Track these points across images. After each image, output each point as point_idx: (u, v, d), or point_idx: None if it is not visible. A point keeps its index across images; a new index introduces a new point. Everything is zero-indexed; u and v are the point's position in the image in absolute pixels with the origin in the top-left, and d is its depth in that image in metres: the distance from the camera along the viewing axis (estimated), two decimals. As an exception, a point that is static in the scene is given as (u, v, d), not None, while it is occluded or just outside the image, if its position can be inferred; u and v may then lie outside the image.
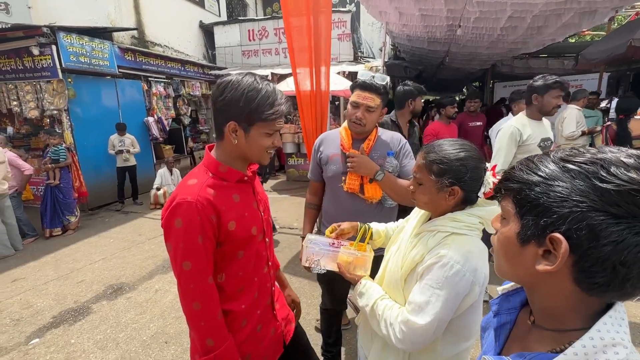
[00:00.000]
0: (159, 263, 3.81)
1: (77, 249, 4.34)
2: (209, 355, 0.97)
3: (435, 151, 0.97)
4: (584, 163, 0.45)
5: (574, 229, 0.43)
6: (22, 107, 5.61)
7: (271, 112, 0.97)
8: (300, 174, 7.55)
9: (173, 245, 0.94)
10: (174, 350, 2.41)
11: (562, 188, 0.45)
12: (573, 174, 0.45)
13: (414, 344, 0.92)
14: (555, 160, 0.48)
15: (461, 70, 9.78)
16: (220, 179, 1.02)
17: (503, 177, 0.55)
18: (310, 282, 3.19)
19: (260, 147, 1.02)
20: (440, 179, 0.94)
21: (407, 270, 0.99)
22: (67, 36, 5.26)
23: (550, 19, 4.61)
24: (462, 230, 0.94)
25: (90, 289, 3.30)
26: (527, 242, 0.49)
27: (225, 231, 0.98)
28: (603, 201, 0.42)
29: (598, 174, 0.43)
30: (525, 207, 0.49)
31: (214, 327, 0.97)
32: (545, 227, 0.46)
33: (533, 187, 0.48)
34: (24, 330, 2.71)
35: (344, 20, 8.07)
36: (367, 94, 1.53)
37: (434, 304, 0.89)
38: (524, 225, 0.49)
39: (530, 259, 0.48)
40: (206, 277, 0.96)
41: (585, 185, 0.43)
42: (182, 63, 7.99)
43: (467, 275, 0.88)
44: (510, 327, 0.61)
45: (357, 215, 1.50)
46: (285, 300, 1.34)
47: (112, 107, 6.33)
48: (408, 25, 5.26)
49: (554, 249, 0.45)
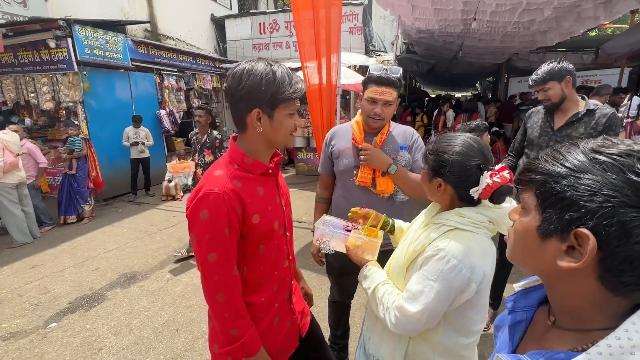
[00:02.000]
0: (170, 253, 3.89)
1: (92, 237, 4.46)
2: (234, 344, 0.97)
3: (435, 142, 1.01)
4: (618, 155, 0.42)
5: (603, 225, 0.40)
6: (39, 99, 5.75)
7: (292, 90, 0.96)
8: (309, 168, 7.56)
9: (197, 237, 0.94)
10: (184, 338, 2.47)
11: (592, 181, 0.42)
12: (605, 167, 0.42)
13: (406, 330, 0.96)
14: (585, 151, 0.44)
15: (475, 64, 9.58)
16: (245, 171, 1.01)
17: (525, 168, 0.51)
18: (318, 275, 3.21)
19: (285, 130, 1.01)
20: (432, 170, 0.99)
21: (410, 259, 1.01)
22: (82, 29, 5.34)
23: (569, 11, 4.46)
24: (467, 227, 0.93)
25: (105, 277, 3.39)
26: (549, 237, 0.46)
27: (249, 224, 0.98)
28: (638, 197, 0.39)
29: (634, 167, 0.40)
30: (549, 200, 0.46)
31: (238, 318, 0.97)
32: (571, 222, 0.43)
33: (559, 180, 0.45)
34: (43, 314, 2.82)
35: (356, 13, 7.96)
36: (384, 88, 1.51)
37: (426, 295, 0.90)
38: (546, 218, 0.46)
39: (552, 253, 0.46)
40: (231, 268, 0.96)
41: (619, 179, 0.40)
42: (194, 56, 8.03)
43: (463, 271, 0.88)
44: (526, 326, 0.58)
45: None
46: (300, 293, 1.35)
47: (125, 99, 6.43)
48: (421, 19, 5.17)
49: (578, 245, 0.43)
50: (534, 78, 2.04)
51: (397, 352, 1.05)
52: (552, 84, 1.97)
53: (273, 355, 1.11)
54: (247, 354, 0.99)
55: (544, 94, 2.02)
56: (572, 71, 1.95)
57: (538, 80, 2.02)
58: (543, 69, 2.00)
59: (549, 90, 2.00)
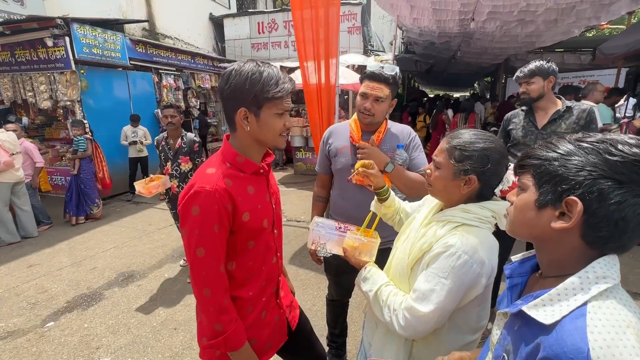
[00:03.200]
0: (168, 252, 3.89)
1: (89, 237, 4.45)
2: (217, 338, 1.00)
3: (461, 137, 0.96)
4: (596, 142, 0.56)
5: (586, 193, 0.54)
6: (37, 98, 5.73)
7: (277, 89, 0.97)
8: (307, 168, 7.56)
9: (188, 232, 0.97)
10: (182, 337, 2.47)
11: (578, 161, 0.56)
12: (587, 150, 0.56)
13: (416, 331, 0.93)
14: (572, 141, 0.59)
15: (473, 64, 9.62)
16: (237, 170, 1.03)
17: (524, 155, 0.64)
18: (316, 274, 3.22)
19: (273, 130, 1.02)
20: (460, 164, 0.93)
21: (415, 259, 0.99)
22: (80, 28, 5.33)
23: (566, 11, 4.48)
24: (473, 222, 0.93)
25: (103, 276, 3.39)
26: (545, 207, 0.60)
27: (239, 222, 1.01)
28: (611, 170, 0.53)
29: (608, 150, 0.54)
30: (544, 177, 0.60)
31: (222, 313, 1.00)
32: (562, 193, 0.57)
33: (552, 162, 0.59)
34: (40, 313, 2.81)
35: (354, 13, 7.98)
36: (375, 84, 1.52)
37: (438, 293, 0.88)
38: (542, 192, 0.60)
39: (546, 220, 0.60)
40: (218, 265, 0.99)
41: (598, 159, 0.55)
42: (192, 55, 8.02)
43: (474, 266, 0.88)
44: (521, 288, 0.72)
45: (364, 208, 1.50)
46: (288, 288, 1.37)
47: (123, 98, 6.41)
48: (419, 19, 5.19)
49: (568, 211, 0.56)
50: (522, 71, 2.16)
51: (401, 355, 1.03)
52: (537, 79, 2.10)
53: (261, 348, 1.13)
54: (231, 348, 1.02)
55: (527, 87, 2.15)
56: (557, 73, 2.12)
57: (526, 73, 2.14)
58: (532, 65, 2.13)
59: (532, 84, 2.12)
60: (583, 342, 0.50)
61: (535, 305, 0.59)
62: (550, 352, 0.53)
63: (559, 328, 0.54)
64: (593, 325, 0.51)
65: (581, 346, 0.50)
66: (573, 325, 0.53)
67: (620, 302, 0.54)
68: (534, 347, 0.57)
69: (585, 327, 0.52)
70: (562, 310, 0.56)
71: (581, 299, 0.55)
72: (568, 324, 0.54)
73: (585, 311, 0.54)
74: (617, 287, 0.56)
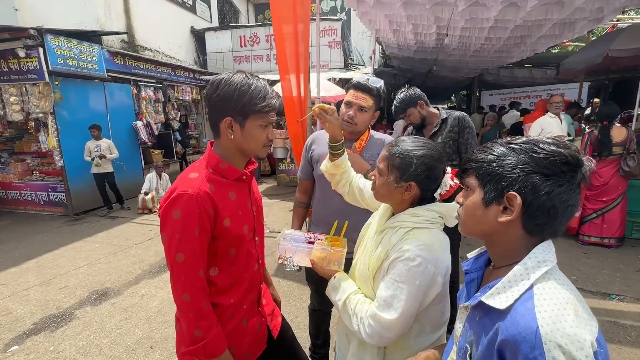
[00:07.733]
0: (145, 268, 3.74)
1: (60, 254, 4.22)
2: (197, 345, 0.98)
3: (399, 145, 1.00)
4: (522, 143, 0.65)
5: (522, 187, 0.62)
6: (6, 110, 5.49)
7: (264, 104, 1.00)
8: (290, 179, 7.54)
9: (168, 236, 0.96)
10: (159, 355, 2.36)
11: (511, 161, 0.64)
12: (516, 151, 0.65)
13: (382, 338, 0.94)
14: (502, 144, 0.68)
15: (449, 78, 10.02)
16: (219, 176, 1.04)
17: (466, 160, 0.72)
18: (299, 285, 3.18)
19: (256, 140, 1.04)
20: (399, 172, 0.97)
21: (375, 269, 1.01)
22: (54, 39, 5.19)
23: (532, 29, 4.78)
24: (424, 224, 0.96)
25: (74, 295, 3.21)
26: (490, 204, 0.67)
27: (220, 227, 1.01)
28: (538, 166, 0.62)
29: (533, 149, 0.63)
30: (486, 178, 0.67)
31: (201, 319, 0.98)
32: (503, 189, 0.64)
33: (490, 163, 0.67)
34: (2, 337, 2.62)
35: (335, 28, 8.21)
36: (360, 93, 1.56)
37: (399, 298, 0.90)
38: (486, 191, 0.67)
39: (493, 215, 0.67)
40: (197, 270, 0.98)
41: (526, 157, 0.63)
42: (173, 68, 7.96)
43: (429, 267, 0.90)
44: (478, 283, 0.78)
45: (345, 214, 1.51)
46: (270, 296, 1.35)
47: (100, 110, 6.24)
48: (398, 32, 5.39)
49: (509, 205, 0.64)
50: (396, 106, 2.34)
51: None
52: (411, 110, 2.30)
53: (241, 356, 1.12)
54: (210, 355, 1.00)
55: (407, 119, 2.36)
56: (421, 95, 2.30)
57: (399, 110, 2.34)
58: (399, 99, 2.32)
59: (410, 116, 2.33)
60: (533, 321, 0.57)
61: (491, 295, 0.65)
62: (507, 334, 0.59)
63: (512, 311, 0.61)
64: (540, 305, 0.58)
65: (532, 325, 0.56)
66: (524, 307, 0.60)
67: (559, 282, 0.63)
68: (494, 332, 0.62)
69: (533, 307, 0.58)
70: (514, 294, 0.62)
71: (528, 282, 0.62)
72: (520, 306, 0.60)
73: (533, 293, 0.61)
74: (555, 269, 0.64)
